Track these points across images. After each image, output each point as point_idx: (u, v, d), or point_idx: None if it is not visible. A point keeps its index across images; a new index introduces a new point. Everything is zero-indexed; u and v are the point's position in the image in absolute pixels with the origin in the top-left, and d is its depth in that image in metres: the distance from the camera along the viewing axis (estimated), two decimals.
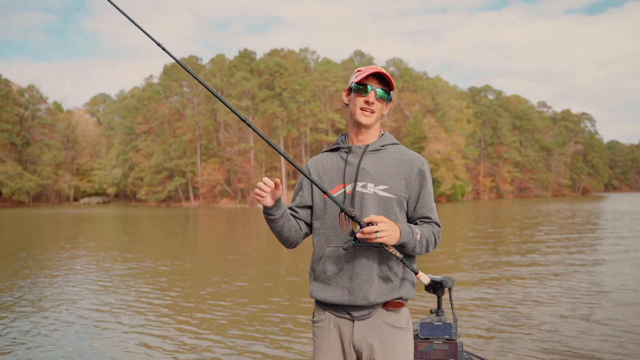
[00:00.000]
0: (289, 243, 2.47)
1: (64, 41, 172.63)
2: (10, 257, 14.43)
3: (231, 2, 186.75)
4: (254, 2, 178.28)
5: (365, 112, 2.34)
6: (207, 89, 2.19)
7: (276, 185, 2.28)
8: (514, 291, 8.95)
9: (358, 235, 2.13)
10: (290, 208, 2.50)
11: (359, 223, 2.15)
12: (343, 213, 2.24)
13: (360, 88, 2.34)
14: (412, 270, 2.26)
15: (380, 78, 2.34)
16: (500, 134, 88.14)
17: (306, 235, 2.51)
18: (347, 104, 2.45)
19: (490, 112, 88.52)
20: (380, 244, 2.14)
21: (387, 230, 2.11)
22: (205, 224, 32.62)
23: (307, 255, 13.13)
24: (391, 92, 2.39)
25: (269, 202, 2.31)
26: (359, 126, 2.39)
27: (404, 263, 2.21)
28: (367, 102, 2.33)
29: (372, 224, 2.12)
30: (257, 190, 2.29)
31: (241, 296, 8.87)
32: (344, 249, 2.19)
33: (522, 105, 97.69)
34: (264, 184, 2.27)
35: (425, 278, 2.25)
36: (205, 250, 17.32)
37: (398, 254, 2.17)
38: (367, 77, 2.33)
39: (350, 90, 2.41)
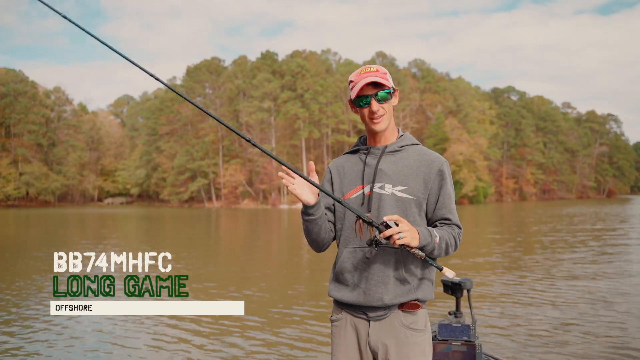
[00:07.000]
0: (320, 246, 2.43)
1: (83, 45, 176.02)
2: (39, 254, 14.67)
3: (244, 7, 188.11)
4: (266, 6, 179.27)
5: (375, 120, 2.34)
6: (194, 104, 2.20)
7: (311, 169, 2.25)
8: (534, 294, 8.87)
9: (382, 235, 2.10)
10: None
11: (377, 228, 2.13)
12: (360, 219, 2.21)
13: (360, 103, 2.34)
14: (436, 267, 2.22)
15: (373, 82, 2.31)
16: (524, 135, 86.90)
17: (335, 237, 2.46)
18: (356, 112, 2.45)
19: (513, 113, 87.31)
20: (402, 245, 2.11)
21: (408, 230, 2.10)
22: (229, 224, 32.79)
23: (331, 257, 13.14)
24: (391, 85, 2.35)
25: (310, 198, 2.27)
26: (374, 131, 2.39)
27: (427, 261, 2.20)
28: (371, 112, 2.33)
29: (391, 225, 2.10)
30: (284, 180, 2.23)
31: (258, 295, 8.93)
32: (367, 257, 2.18)
33: (546, 106, 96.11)
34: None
35: (450, 272, 2.21)
36: (229, 251, 17.42)
37: (420, 253, 2.15)
38: (361, 89, 2.32)
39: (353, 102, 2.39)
